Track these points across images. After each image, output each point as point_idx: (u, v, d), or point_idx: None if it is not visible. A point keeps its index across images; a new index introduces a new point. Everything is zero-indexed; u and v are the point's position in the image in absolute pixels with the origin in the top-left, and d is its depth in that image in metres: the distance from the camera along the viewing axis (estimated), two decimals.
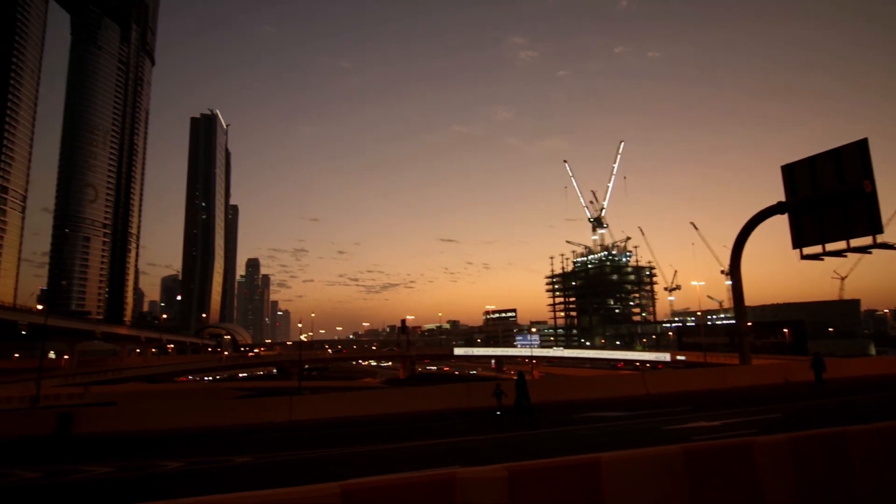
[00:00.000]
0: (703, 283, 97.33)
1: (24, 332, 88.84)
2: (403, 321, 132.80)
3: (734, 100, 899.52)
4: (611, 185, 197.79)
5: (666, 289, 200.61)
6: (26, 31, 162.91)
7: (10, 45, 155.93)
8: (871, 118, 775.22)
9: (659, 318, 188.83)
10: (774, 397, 23.85)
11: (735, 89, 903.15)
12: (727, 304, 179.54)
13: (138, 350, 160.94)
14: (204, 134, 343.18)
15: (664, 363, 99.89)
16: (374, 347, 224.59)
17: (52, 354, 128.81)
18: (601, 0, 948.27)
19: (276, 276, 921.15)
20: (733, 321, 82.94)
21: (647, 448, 7.40)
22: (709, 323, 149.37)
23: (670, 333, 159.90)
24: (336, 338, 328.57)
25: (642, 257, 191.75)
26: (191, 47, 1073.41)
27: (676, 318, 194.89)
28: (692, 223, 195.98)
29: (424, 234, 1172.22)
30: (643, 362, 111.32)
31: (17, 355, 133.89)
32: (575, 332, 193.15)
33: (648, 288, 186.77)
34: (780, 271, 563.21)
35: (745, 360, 34.01)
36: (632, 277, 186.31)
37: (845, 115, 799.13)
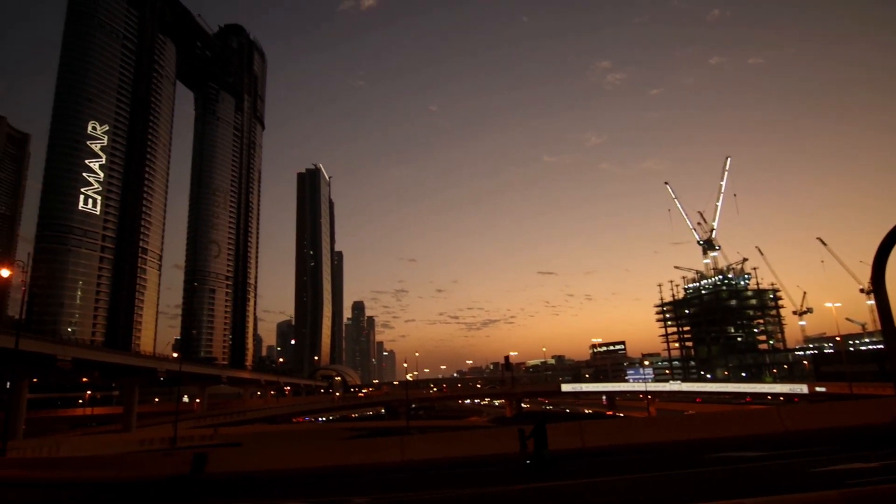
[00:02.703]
0: (839, 304, 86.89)
1: (162, 378, 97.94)
2: (507, 358, 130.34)
3: (853, 99, 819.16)
4: (719, 204, 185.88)
5: (795, 312, 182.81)
6: (158, 111, 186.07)
7: (146, 124, 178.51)
8: None
9: (789, 345, 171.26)
10: None
11: (853, 87, 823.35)
12: (872, 326, 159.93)
13: (259, 392, 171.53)
14: (309, 187, 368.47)
15: (801, 396, 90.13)
16: (478, 385, 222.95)
17: (185, 398, 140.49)
18: (690, 11, 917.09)
19: (380, 318, 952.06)
20: (882, 346, 73.28)
21: (796, 494, 6.54)
22: (850, 349, 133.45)
23: (805, 362, 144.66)
24: (440, 376, 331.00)
25: (763, 279, 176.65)
26: (292, 108, 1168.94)
27: (811, 345, 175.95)
28: (819, 238, 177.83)
29: (522, 267, 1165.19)
30: (776, 395, 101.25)
31: (156, 399, 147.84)
32: (692, 363, 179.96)
33: (774, 312, 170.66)
34: None
35: None
36: (753, 302, 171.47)
37: None
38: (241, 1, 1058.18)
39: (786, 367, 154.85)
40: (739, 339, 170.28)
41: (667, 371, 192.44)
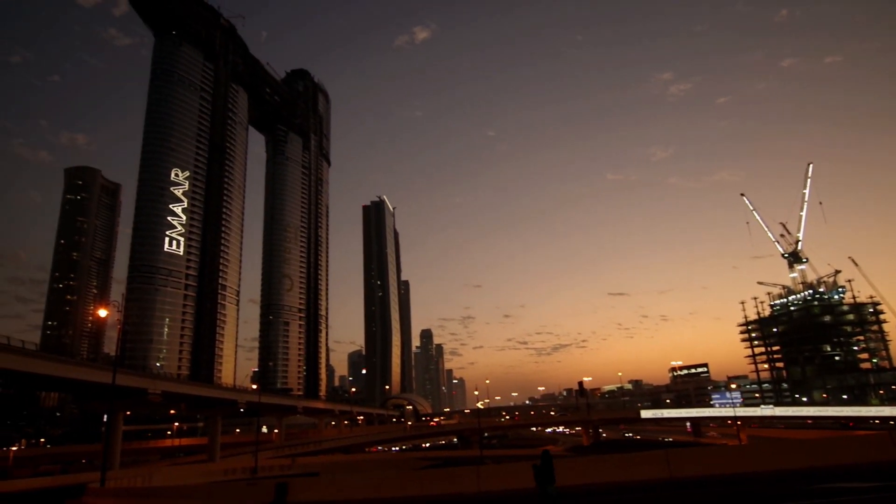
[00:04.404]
0: None
1: (242, 410, 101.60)
2: (581, 383, 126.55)
3: None
4: (804, 213, 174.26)
5: None
6: (233, 155, 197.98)
7: (222, 168, 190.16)
8: None
9: None
10: None
11: None
12: None
13: (333, 422, 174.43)
14: (374, 219, 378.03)
15: None
16: (551, 413, 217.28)
17: (264, 429, 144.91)
18: (755, 14, 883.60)
19: (447, 345, 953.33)
20: None
21: None
22: None
23: None
24: (512, 403, 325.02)
25: (860, 292, 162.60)
26: (354, 142, 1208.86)
27: None
28: None
29: (590, 289, 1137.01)
30: (885, 419, 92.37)
31: (237, 430, 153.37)
32: (785, 386, 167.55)
33: (875, 328, 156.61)
34: None
35: None
36: (850, 317, 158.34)
37: None
38: (300, 41, 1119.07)
39: (894, 387, 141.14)
40: (837, 358, 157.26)
41: (756, 395, 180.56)
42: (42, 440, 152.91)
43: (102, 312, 37.38)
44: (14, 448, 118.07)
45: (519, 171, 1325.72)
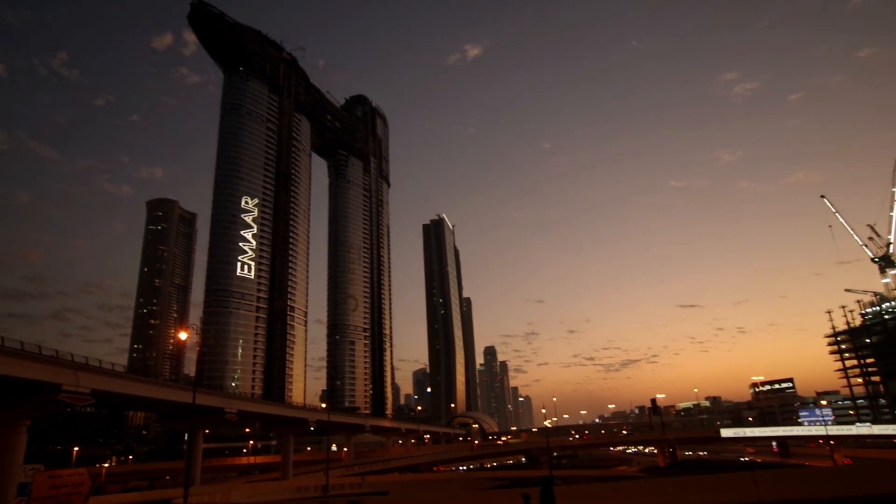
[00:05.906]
0: None
1: (312, 428, 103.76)
2: (653, 401, 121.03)
3: None
4: (894, 213, 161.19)
5: None
6: (298, 181, 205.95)
7: (288, 194, 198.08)
8: None
9: None
10: None
11: None
12: None
13: (400, 441, 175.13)
14: (434, 237, 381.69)
15: None
16: (623, 431, 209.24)
17: (333, 447, 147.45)
18: (826, 5, 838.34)
19: (511, 362, 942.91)
20: None
21: None
22: None
23: None
24: (581, 422, 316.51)
25: None
26: (411, 162, 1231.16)
27: None
28: None
29: (659, 301, 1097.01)
30: None
31: (308, 448, 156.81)
32: (882, 401, 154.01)
33: None
34: None
35: None
36: None
37: None
38: (355, 66, 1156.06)
39: None
40: None
41: (850, 412, 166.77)
42: (130, 457, 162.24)
43: (183, 335, 39.35)
44: (106, 465, 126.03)
45: (577, 183, 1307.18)
